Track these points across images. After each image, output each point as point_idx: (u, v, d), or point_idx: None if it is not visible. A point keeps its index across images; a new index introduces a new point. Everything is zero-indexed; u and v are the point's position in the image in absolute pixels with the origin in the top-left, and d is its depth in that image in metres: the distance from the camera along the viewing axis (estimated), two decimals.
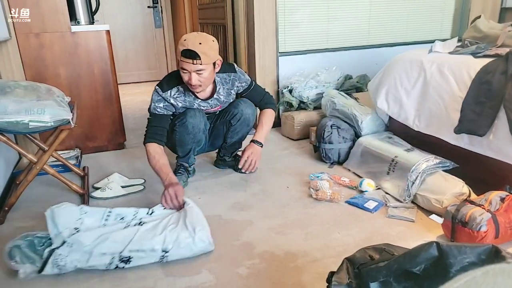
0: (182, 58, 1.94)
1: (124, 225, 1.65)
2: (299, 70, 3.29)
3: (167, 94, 2.09)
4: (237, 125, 2.31)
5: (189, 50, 1.90)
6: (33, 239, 1.57)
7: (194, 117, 2.12)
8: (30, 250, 1.54)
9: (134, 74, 5.91)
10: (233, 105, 2.30)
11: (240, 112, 2.27)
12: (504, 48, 2.12)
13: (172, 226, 1.64)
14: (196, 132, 2.15)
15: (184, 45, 1.92)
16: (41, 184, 2.35)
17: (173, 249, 1.57)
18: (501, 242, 1.57)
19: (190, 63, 1.93)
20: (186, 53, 1.91)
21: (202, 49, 1.91)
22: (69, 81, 2.71)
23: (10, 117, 1.77)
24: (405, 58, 2.40)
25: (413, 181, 1.97)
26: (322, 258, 1.61)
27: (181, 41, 1.96)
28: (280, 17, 3.20)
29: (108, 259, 1.53)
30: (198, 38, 1.94)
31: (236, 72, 2.23)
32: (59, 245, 1.52)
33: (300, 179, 2.35)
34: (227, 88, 2.23)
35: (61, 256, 1.49)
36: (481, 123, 1.86)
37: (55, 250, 1.50)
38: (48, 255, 1.50)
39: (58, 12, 2.56)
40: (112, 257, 1.53)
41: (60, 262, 1.49)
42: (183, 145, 2.22)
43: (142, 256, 1.55)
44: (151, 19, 5.81)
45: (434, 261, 0.90)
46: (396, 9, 3.60)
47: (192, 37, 1.94)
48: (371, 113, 2.58)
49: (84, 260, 1.51)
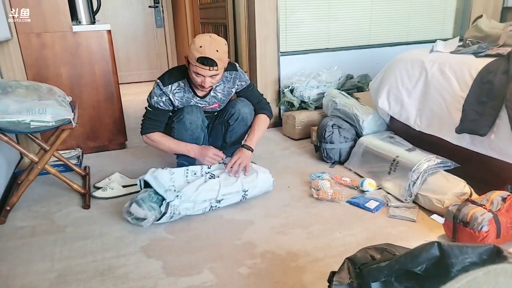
0: (198, 64, 1.92)
1: (203, 179, 2.03)
2: (300, 70, 3.29)
3: (167, 89, 2.09)
4: (235, 124, 2.30)
5: (206, 58, 1.90)
6: (150, 194, 1.88)
7: (191, 113, 2.12)
8: (151, 201, 1.85)
9: (135, 73, 5.91)
10: (230, 105, 2.30)
11: (237, 112, 2.27)
12: (505, 47, 2.11)
13: (241, 174, 2.11)
14: (194, 128, 2.15)
15: (201, 53, 1.89)
16: (42, 184, 2.35)
17: (249, 190, 2.06)
18: (502, 242, 1.57)
19: (207, 70, 1.93)
20: (203, 60, 1.90)
21: (218, 56, 1.92)
22: (71, 80, 2.71)
23: (12, 117, 1.77)
24: (406, 57, 2.39)
25: (414, 181, 1.97)
26: (324, 257, 1.61)
27: (195, 46, 1.91)
28: (281, 17, 3.20)
29: (207, 204, 1.95)
30: (213, 44, 1.91)
31: (238, 71, 2.23)
32: (173, 198, 1.86)
33: (301, 179, 2.35)
34: (228, 87, 2.23)
35: (175, 207, 1.86)
36: (482, 123, 1.86)
37: (170, 203, 1.84)
38: (166, 206, 1.84)
39: (60, 12, 2.56)
40: (210, 203, 1.96)
41: (175, 211, 1.86)
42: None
43: (230, 197, 2.01)
44: (152, 19, 5.81)
45: (436, 261, 0.90)
46: (397, 8, 3.60)
47: (207, 44, 1.90)
48: (372, 112, 2.58)
49: (191, 208, 1.91)
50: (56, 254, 1.69)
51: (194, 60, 1.92)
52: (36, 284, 1.51)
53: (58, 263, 1.63)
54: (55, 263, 1.63)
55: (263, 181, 2.13)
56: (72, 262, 1.63)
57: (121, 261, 1.63)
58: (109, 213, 2.03)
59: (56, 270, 1.58)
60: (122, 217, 1.91)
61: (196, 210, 1.94)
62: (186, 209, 1.90)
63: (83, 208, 2.08)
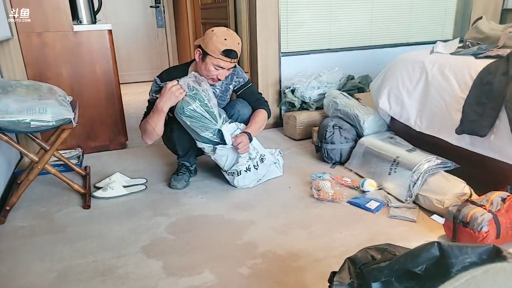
0: (222, 57, 1.97)
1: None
2: (301, 70, 3.29)
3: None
4: None
5: (231, 50, 1.95)
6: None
7: None
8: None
9: (136, 73, 5.92)
10: (230, 106, 2.31)
11: (236, 113, 2.27)
12: (505, 49, 2.12)
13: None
14: None
15: (227, 45, 1.95)
16: (42, 184, 2.35)
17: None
18: (502, 242, 1.57)
19: (229, 62, 1.99)
20: (229, 53, 1.96)
21: (239, 48, 2.01)
22: (71, 80, 2.71)
23: (12, 116, 1.77)
24: (407, 58, 2.40)
25: (415, 181, 1.97)
26: (324, 258, 1.61)
27: (219, 39, 1.96)
28: (283, 17, 3.20)
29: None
30: (234, 37, 2.00)
31: (236, 67, 2.23)
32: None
33: (302, 179, 2.36)
34: (226, 83, 2.24)
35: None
36: (482, 124, 1.86)
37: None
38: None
39: (61, 12, 2.56)
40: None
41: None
42: (182, 143, 2.23)
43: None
44: (153, 19, 5.82)
45: (436, 261, 0.90)
46: (398, 9, 3.60)
47: (230, 36, 1.98)
48: (373, 113, 2.58)
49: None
50: (56, 254, 1.69)
51: (217, 53, 1.96)
52: (36, 284, 1.51)
53: (58, 263, 1.63)
54: (55, 263, 1.63)
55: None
56: (72, 262, 1.63)
57: (122, 261, 1.63)
58: (109, 213, 2.03)
59: (56, 270, 1.58)
60: (122, 217, 1.90)
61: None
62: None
63: (83, 208, 2.08)
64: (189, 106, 1.97)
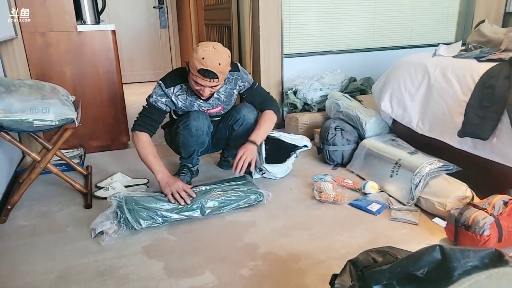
0: (199, 75, 1.90)
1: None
2: (303, 72, 3.29)
3: (169, 91, 2.08)
4: (239, 130, 2.30)
5: (207, 70, 1.87)
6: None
7: (198, 120, 2.11)
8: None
9: (139, 73, 5.93)
10: (235, 110, 2.29)
11: (242, 118, 2.26)
12: (507, 52, 2.12)
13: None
14: (199, 134, 2.15)
15: (203, 64, 1.86)
16: (44, 183, 2.36)
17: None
18: (504, 246, 1.57)
19: (207, 81, 1.91)
20: (204, 72, 1.87)
21: (220, 69, 1.90)
22: (74, 80, 2.72)
23: (15, 116, 1.78)
24: (409, 61, 2.39)
25: (417, 184, 1.97)
26: (326, 260, 1.61)
27: (197, 57, 1.87)
28: (285, 19, 3.20)
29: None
30: (216, 57, 1.87)
31: (239, 71, 2.21)
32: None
33: (304, 181, 2.35)
34: (230, 88, 2.22)
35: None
36: (484, 127, 1.86)
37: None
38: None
39: (65, 12, 2.57)
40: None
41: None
42: (186, 147, 2.23)
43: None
44: (157, 20, 5.83)
45: (437, 264, 0.90)
46: (400, 12, 3.60)
47: (210, 55, 1.86)
48: (375, 115, 2.58)
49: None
50: (57, 254, 1.69)
51: (195, 70, 1.89)
52: (37, 284, 1.51)
53: (59, 263, 1.63)
54: (56, 263, 1.63)
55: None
56: (73, 262, 1.63)
57: (122, 262, 1.63)
58: None
59: (57, 270, 1.59)
60: None
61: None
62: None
63: (85, 208, 2.08)
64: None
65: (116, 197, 1.86)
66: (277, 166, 2.35)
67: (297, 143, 2.39)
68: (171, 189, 1.93)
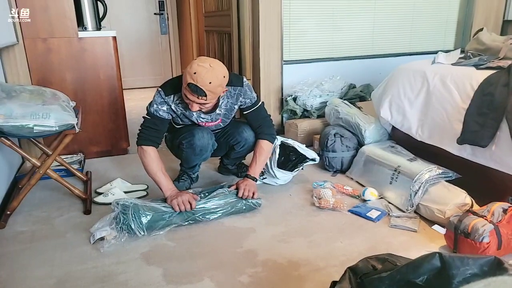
0: (188, 89, 1.84)
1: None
2: (303, 79, 3.30)
3: (169, 99, 2.02)
4: (240, 150, 2.28)
5: (197, 86, 1.81)
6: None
7: (203, 139, 2.10)
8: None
9: (139, 79, 5.94)
10: (237, 132, 2.22)
11: (244, 141, 2.22)
12: (506, 60, 2.13)
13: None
14: (203, 153, 2.16)
15: (193, 80, 1.80)
16: (43, 188, 2.35)
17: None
18: (503, 253, 1.57)
19: (195, 97, 1.86)
20: (192, 87, 1.81)
21: (210, 88, 1.83)
22: (75, 85, 2.73)
23: (16, 121, 1.78)
24: (408, 68, 2.41)
25: (416, 191, 1.97)
26: (325, 267, 1.61)
27: (190, 71, 1.82)
28: (285, 26, 3.22)
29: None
30: (209, 74, 1.81)
31: (243, 86, 2.11)
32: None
33: (303, 187, 2.36)
34: (231, 102, 2.13)
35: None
36: (483, 134, 1.87)
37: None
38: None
39: (66, 18, 2.58)
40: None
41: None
42: (189, 162, 2.24)
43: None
44: (157, 26, 5.86)
45: (437, 272, 0.90)
46: (399, 19, 3.62)
47: (203, 72, 1.80)
48: (374, 122, 2.59)
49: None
50: (56, 259, 1.69)
51: (185, 83, 1.85)
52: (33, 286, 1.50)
53: (57, 269, 1.62)
54: (54, 268, 1.63)
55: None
56: (72, 268, 1.63)
57: (121, 268, 1.62)
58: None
59: (56, 276, 1.58)
60: None
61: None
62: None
63: (84, 214, 2.08)
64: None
65: (120, 202, 1.86)
66: (285, 173, 2.35)
67: (307, 154, 2.39)
68: (177, 199, 1.91)
